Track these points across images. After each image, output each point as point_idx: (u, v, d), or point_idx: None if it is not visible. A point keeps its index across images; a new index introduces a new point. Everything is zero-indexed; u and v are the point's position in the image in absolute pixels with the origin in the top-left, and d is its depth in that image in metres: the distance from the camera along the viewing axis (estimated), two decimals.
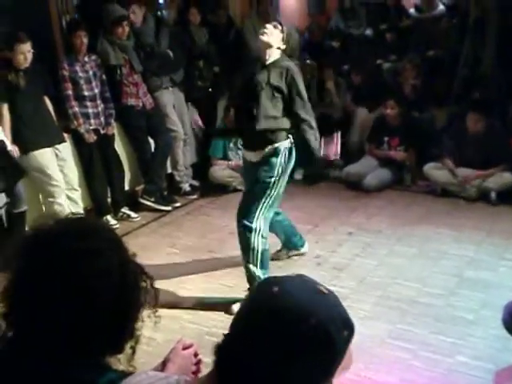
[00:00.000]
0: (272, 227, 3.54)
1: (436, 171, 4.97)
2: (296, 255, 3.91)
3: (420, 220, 4.43)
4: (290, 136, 3.26)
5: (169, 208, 4.97)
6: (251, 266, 3.26)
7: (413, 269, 3.65)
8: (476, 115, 4.77)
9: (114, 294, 1.06)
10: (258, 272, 3.25)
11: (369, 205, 4.85)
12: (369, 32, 6.96)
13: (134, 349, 1.13)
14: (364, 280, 3.56)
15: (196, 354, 1.51)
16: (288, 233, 3.80)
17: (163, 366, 1.46)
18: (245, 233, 3.24)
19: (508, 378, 2.59)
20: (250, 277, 3.28)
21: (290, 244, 3.86)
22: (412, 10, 6.76)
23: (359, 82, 6.13)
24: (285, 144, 3.23)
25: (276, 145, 3.21)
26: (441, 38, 6.32)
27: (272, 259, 3.63)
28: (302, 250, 3.91)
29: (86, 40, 4.40)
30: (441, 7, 6.67)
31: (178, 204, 5.05)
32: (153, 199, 4.93)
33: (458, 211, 4.58)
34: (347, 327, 0.95)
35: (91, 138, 4.48)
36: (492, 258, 3.72)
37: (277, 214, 3.58)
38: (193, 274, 3.79)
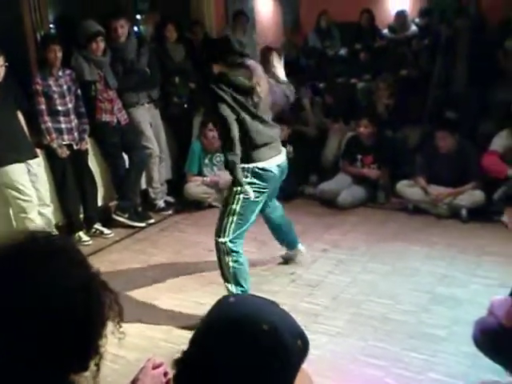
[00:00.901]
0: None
1: (408, 189, 5.04)
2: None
3: (393, 237, 4.48)
4: None
5: (143, 224, 4.93)
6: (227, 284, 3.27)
7: (386, 286, 3.68)
8: (443, 133, 4.87)
9: (78, 312, 1.06)
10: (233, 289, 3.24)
11: (343, 222, 4.88)
12: (343, 52, 7.08)
13: (98, 366, 1.13)
14: (337, 297, 3.57)
15: (166, 374, 1.50)
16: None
17: None
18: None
19: None
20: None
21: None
22: (385, 31, 6.90)
23: (332, 101, 6.20)
24: None
25: None
26: (413, 57, 6.46)
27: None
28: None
29: (60, 54, 4.38)
30: (413, 28, 6.83)
31: (152, 220, 5.02)
32: (126, 215, 4.89)
33: (430, 228, 4.64)
34: (301, 338, 0.97)
35: (64, 153, 4.44)
36: (464, 275, 3.76)
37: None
38: (166, 290, 3.76)
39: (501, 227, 4.48)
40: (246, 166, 3.19)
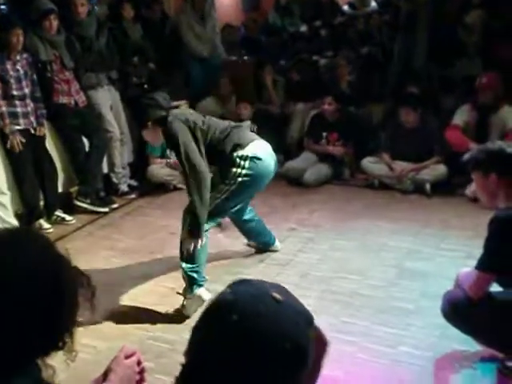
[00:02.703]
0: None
1: (373, 165, 5.07)
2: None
3: (360, 213, 4.50)
4: None
5: (106, 209, 4.81)
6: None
7: (354, 262, 3.70)
8: (406, 108, 4.91)
9: (45, 294, 1.08)
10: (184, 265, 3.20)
11: (310, 200, 4.88)
12: (304, 28, 7.03)
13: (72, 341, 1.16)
14: (307, 275, 3.57)
15: (139, 362, 1.46)
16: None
17: (105, 376, 1.40)
18: None
19: (447, 364, 2.66)
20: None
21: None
22: (346, 7, 6.88)
23: (297, 79, 6.15)
24: None
25: None
26: (374, 34, 6.46)
27: None
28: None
29: (22, 38, 4.21)
30: (373, 3, 6.83)
31: (115, 205, 4.91)
32: (88, 201, 4.76)
33: (395, 204, 4.69)
34: (310, 324, 0.92)
35: (17, 146, 4.23)
36: (429, 249, 3.82)
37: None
38: (132, 276, 3.68)
39: (464, 200, 4.55)
40: (243, 153, 3.16)
